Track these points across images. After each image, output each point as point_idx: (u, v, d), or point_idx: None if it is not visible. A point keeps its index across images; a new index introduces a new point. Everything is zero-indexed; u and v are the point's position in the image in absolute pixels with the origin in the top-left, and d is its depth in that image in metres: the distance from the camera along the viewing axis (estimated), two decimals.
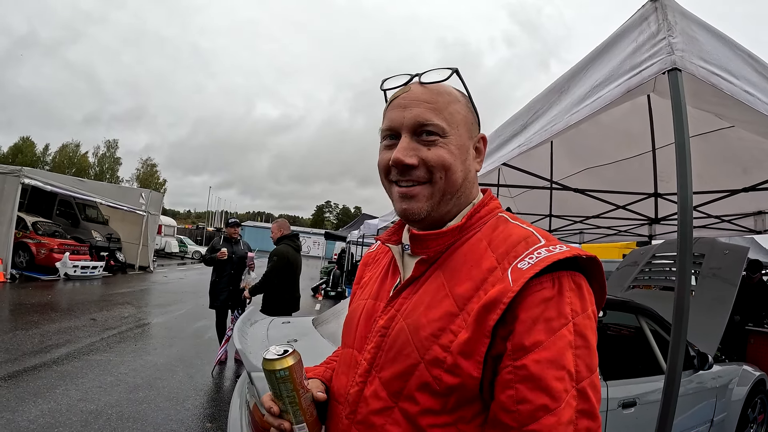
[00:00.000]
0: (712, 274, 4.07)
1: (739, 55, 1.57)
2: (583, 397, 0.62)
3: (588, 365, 0.64)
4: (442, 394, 0.67)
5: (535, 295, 0.64)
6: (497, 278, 0.68)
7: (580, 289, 0.67)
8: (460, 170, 0.77)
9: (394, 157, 0.75)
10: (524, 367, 0.62)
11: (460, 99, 0.80)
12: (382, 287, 0.86)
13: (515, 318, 0.64)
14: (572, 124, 1.60)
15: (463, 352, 0.66)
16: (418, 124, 0.75)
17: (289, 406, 0.79)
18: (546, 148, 4.16)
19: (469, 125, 0.80)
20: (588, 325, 0.65)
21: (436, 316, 0.70)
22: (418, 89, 0.78)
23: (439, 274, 0.75)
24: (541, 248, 0.68)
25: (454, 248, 0.76)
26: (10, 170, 10.36)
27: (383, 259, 0.94)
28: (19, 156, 45.34)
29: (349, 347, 0.86)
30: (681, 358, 1.31)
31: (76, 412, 3.52)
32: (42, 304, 7.67)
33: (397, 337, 0.74)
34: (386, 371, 0.73)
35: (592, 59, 1.58)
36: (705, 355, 2.95)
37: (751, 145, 3.14)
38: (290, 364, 0.77)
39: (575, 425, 0.61)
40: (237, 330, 2.17)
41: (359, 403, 0.76)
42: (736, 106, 1.56)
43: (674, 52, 1.25)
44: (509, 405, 0.62)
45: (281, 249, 4.66)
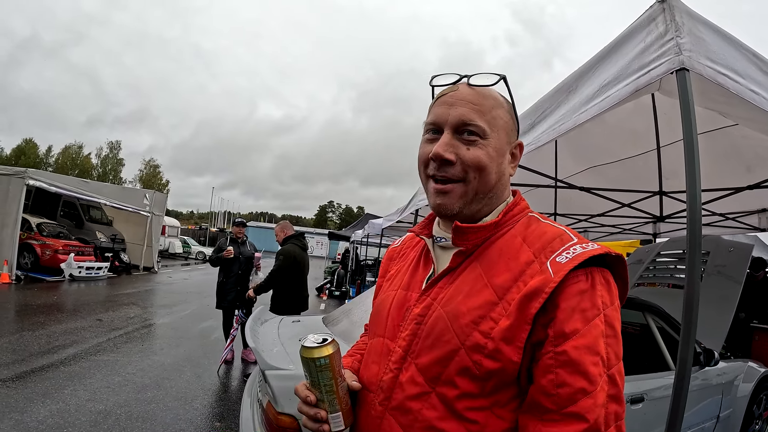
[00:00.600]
0: (717, 271, 4.08)
1: (744, 54, 1.58)
2: (613, 382, 0.67)
3: (616, 353, 0.69)
4: (482, 378, 0.71)
5: (573, 287, 0.69)
6: (535, 271, 0.72)
7: (608, 283, 0.72)
8: (494, 172, 0.80)
9: (435, 151, 0.79)
10: (565, 352, 0.66)
11: (503, 105, 0.83)
12: (413, 278, 0.89)
13: (556, 306, 0.69)
14: (580, 123, 1.62)
15: (504, 338, 0.70)
16: (461, 123, 0.79)
17: (326, 395, 0.79)
18: (551, 146, 4.17)
19: (509, 131, 0.83)
20: (616, 317, 0.70)
21: (476, 305, 0.74)
22: (465, 90, 0.81)
23: (476, 265, 0.79)
24: (575, 245, 0.73)
25: (490, 242, 0.80)
26: (15, 172, 10.41)
27: (411, 252, 0.98)
28: (22, 158, 45.50)
29: (379, 336, 0.88)
30: (691, 354, 1.33)
31: (84, 413, 3.54)
32: (48, 305, 7.71)
33: (435, 324, 0.77)
34: (423, 357, 0.76)
35: (601, 59, 1.59)
36: (711, 352, 2.96)
37: (756, 143, 3.15)
38: (330, 353, 0.78)
39: (606, 408, 0.65)
40: (248, 329, 2.19)
41: (394, 389, 0.78)
42: (741, 104, 1.58)
43: (682, 53, 1.27)
44: (549, 389, 0.66)
45: (288, 248, 4.68)
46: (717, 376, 3.11)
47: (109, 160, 52.17)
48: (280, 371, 1.73)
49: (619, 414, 0.67)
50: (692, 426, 2.88)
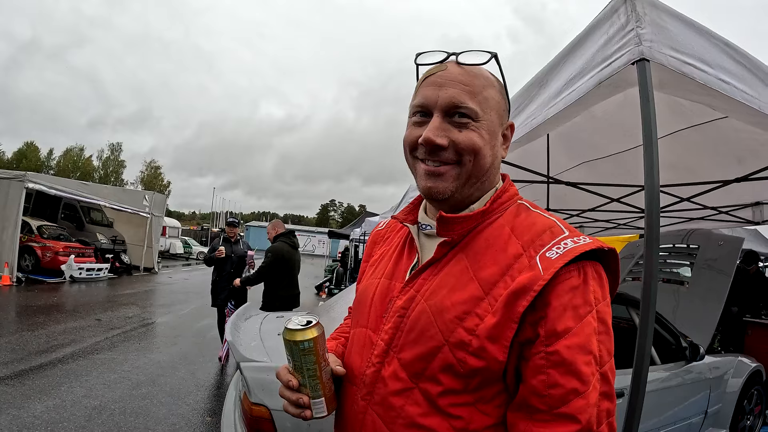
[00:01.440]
0: (707, 265, 4.08)
1: (715, 44, 1.58)
2: (605, 380, 0.66)
3: (608, 350, 0.67)
4: (466, 375, 0.68)
5: (564, 284, 0.66)
6: (524, 265, 0.69)
7: (601, 278, 0.70)
8: (489, 155, 0.76)
9: (425, 136, 0.74)
10: (556, 352, 0.64)
11: (495, 84, 0.79)
12: (397, 267, 0.85)
13: (546, 304, 0.66)
14: (550, 117, 1.63)
15: (490, 336, 0.67)
16: (452, 105, 0.74)
17: (308, 380, 0.76)
18: (542, 142, 4.19)
19: (501, 111, 0.79)
20: (608, 312, 0.69)
21: (461, 299, 0.71)
22: (455, 69, 0.76)
23: (462, 257, 0.75)
24: (566, 239, 0.70)
25: (477, 232, 0.77)
26: (14, 175, 10.50)
27: (394, 237, 0.94)
28: (23, 161, 45.74)
29: (361, 327, 0.84)
30: (648, 352, 1.32)
31: (80, 408, 3.60)
32: (48, 306, 7.78)
33: (418, 318, 0.74)
34: (406, 352, 0.73)
35: (568, 52, 1.60)
36: (697, 347, 2.96)
37: (746, 135, 3.13)
38: (314, 336, 0.75)
39: (598, 407, 0.64)
40: (230, 324, 2.23)
41: (377, 384, 0.75)
42: (722, 95, 1.58)
43: (642, 43, 1.27)
44: (541, 389, 0.64)
45: (276, 245, 4.73)
46: (705, 371, 3.10)
47: (111, 162, 52.42)
48: (255, 363, 1.76)
49: (610, 411, 0.66)
50: (678, 421, 2.87)
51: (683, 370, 2.88)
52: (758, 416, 3.80)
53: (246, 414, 1.69)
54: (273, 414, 1.62)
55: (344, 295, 2.92)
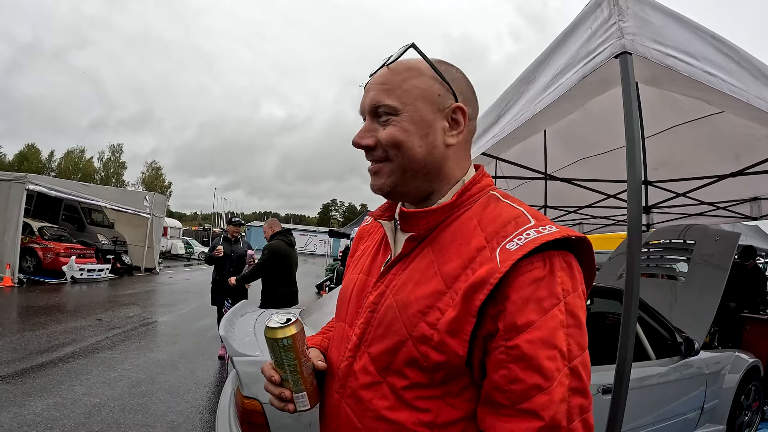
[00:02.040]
0: (704, 261, 4.07)
1: (700, 36, 1.57)
2: (575, 375, 0.63)
3: (579, 344, 0.65)
4: (430, 369, 0.68)
5: (526, 276, 0.64)
6: (486, 258, 0.68)
7: (570, 268, 0.67)
8: (417, 146, 0.75)
9: (353, 140, 0.78)
10: (517, 347, 0.62)
11: (424, 72, 0.78)
12: (373, 263, 0.86)
13: (506, 297, 0.64)
14: (537, 112, 1.64)
15: (449, 331, 0.67)
16: (372, 106, 0.77)
17: (290, 375, 0.79)
18: (540, 139, 4.20)
19: (432, 98, 0.76)
20: (578, 305, 0.66)
21: (424, 294, 0.71)
22: (379, 72, 0.79)
23: (429, 251, 0.75)
24: (530, 229, 0.68)
25: (444, 226, 0.76)
26: (15, 177, 10.54)
27: (376, 233, 0.94)
28: (24, 163, 45.89)
29: (341, 321, 0.87)
30: (631, 347, 1.33)
31: (79, 406, 3.63)
32: (49, 306, 7.82)
33: (386, 313, 0.75)
34: (375, 347, 0.74)
35: (554, 48, 1.61)
36: (692, 342, 2.96)
37: (742, 130, 3.12)
38: (293, 333, 0.77)
39: (568, 403, 0.62)
40: (225, 320, 2.25)
41: (348, 377, 0.77)
42: (716, 90, 1.58)
43: (624, 36, 1.29)
44: (502, 384, 0.63)
45: (273, 243, 4.76)
46: (701, 366, 3.10)
47: (112, 164, 52.58)
48: (247, 357, 1.78)
49: (584, 407, 0.63)
50: (673, 417, 2.87)
51: (679, 365, 2.89)
52: (756, 412, 3.80)
53: (239, 407, 1.71)
54: (264, 407, 1.64)
55: (337, 292, 2.94)
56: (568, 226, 6.75)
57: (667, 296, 4.13)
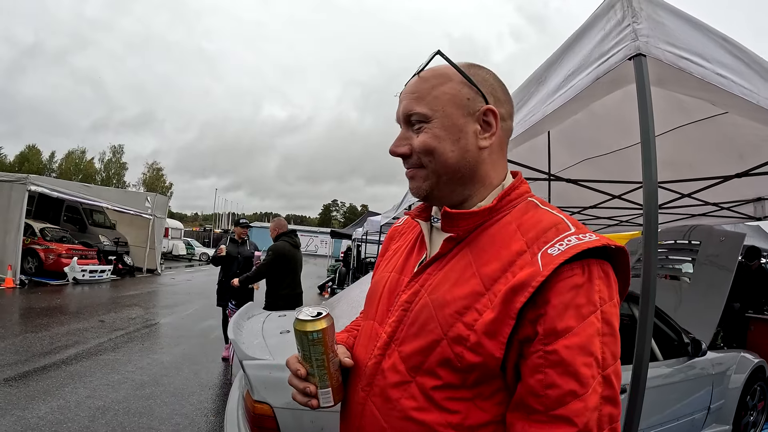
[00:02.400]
0: (709, 261, 4.07)
1: (712, 38, 1.58)
2: (608, 383, 0.63)
3: (613, 352, 0.65)
4: (463, 370, 0.68)
5: (567, 281, 0.65)
6: (526, 262, 0.68)
7: (608, 277, 0.68)
8: (450, 150, 0.76)
9: (390, 148, 0.81)
10: (555, 352, 0.63)
11: (452, 78, 0.79)
12: (407, 262, 0.87)
13: (546, 302, 0.65)
14: (549, 113, 1.64)
15: (487, 332, 0.67)
16: (405, 116, 0.80)
17: (316, 370, 0.78)
18: (543, 140, 4.19)
19: (461, 102, 0.78)
20: (614, 313, 0.66)
21: (462, 294, 0.71)
22: (411, 82, 0.81)
23: (467, 252, 0.76)
24: (571, 236, 0.68)
25: (483, 228, 0.77)
26: (17, 178, 10.54)
27: (410, 233, 0.95)
28: (25, 164, 45.87)
29: (370, 319, 0.87)
30: (648, 349, 1.33)
31: (83, 409, 3.62)
32: (51, 308, 7.81)
33: (420, 312, 0.75)
34: (407, 345, 0.74)
35: (566, 48, 1.61)
36: (699, 342, 2.96)
37: (747, 130, 3.12)
38: (323, 327, 0.77)
39: (599, 411, 0.62)
40: (233, 323, 2.24)
41: (376, 376, 0.77)
42: (722, 91, 1.58)
43: (638, 38, 1.28)
44: (538, 389, 0.63)
45: (278, 244, 4.75)
46: (708, 366, 3.10)
47: (113, 164, 52.60)
48: (257, 361, 1.77)
49: (614, 416, 0.64)
50: (681, 417, 2.87)
51: (686, 366, 2.88)
52: (761, 412, 3.79)
53: (249, 412, 1.70)
54: (276, 412, 1.63)
55: (346, 293, 2.93)
56: None
57: (672, 297, 4.13)
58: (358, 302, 2.67)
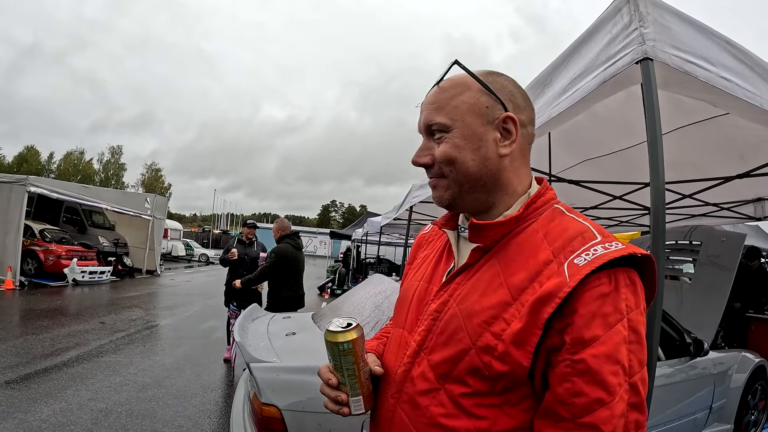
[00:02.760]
0: (710, 261, 4.08)
1: (716, 42, 1.59)
2: (635, 390, 0.65)
3: (639, 360, 0.66)
4: (491, 378, 0.70)
5: (593, 291, 0.65)
6: (553, 271, 0.69)
7: (634, 285, 0.68)
8: (470, 159, 0.77)
9: (412, 159, 0.83)
10: (582, 361, 0.64)
11: (470, 87, 0.79)
12: (435, 271, 0.88)
13: (573, 312, 0.65)
14: (554, 116, 1.64)
15: (515, 342, 0.68)
16: (426, 126, 0.81)
17: (347, 379, 0.80)
18: (544, 141, 4.21)
19: (480, 111, 0.78)
20: (641, 321, 0.67)
21: (490, 304, 0.72)
22: (431, 93, 0.82)
23: (495, 262, 0.76)
24: (597, 245, 0.69)
25: (510, 238, 0.77)
26: (16, 179, 10.51)
27: (437, 241, 0.96)
28: (24, 165, 45.76)
29: (399, 327, 0.88)
30: (656, 350, 1.34)
31: (86, 411, 3.61)
32: (51, 310, 7.79)
33: (449, 321, 0.76)
34: (436, 354, 0.76)
35: (572, 51, 1.62)
36: (701, 342, 2.97)
37: (748, 132, 3.13)
38: (354, 338, 0.79)
39: (626, 418, 0.63)
40: (238, 325, 2.24)
41: (405, 383, 0.79)
42: (724, 93, 1.59)
43: (645, 42, 1.29)
44: (565, 397, 0.64)
45: (281, 247, 4.74)
46: (709, 366, 3.12)
47: (111, 165, 52.52)
48: (264, 363, 1.78)
49: (640, 422, 0.65)
50: (683, 416, 2.89)
51: (687, 365, 2.90)
52: (762, 411, 3.81)
53: (256, 414, 1.71)
54: (283, 414, 1.64)
55: (349, 296, 2.94)
56: None
57: (674, 297, 4.14)
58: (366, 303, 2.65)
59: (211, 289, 12.01)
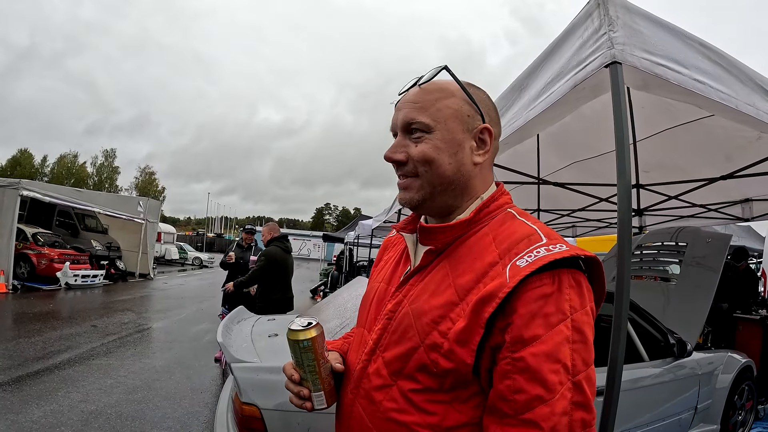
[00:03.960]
0: (696, 262, 4.12)
1: (689, 44, 1.60)
2: (579, 389, 0.65)
3: (584, 359, 0.67)
4: (439, 375, 0.72)
5: (534, 291, 0.67)
6: (497, 273, 0.71)
7: (579, 286, 0.70)
8: (447, 163, 0.79)
9: (385, 154, 0.83)
10: (522, 359, 0.65)
11: (454, 94, 0.82)
12: (394, 273, 0.91)
13: (513, 311, 0.67)
14: (530, 119, 1.67)
15: (458, 340, 0.70)
16: (405, 123, 0.81)
17: (309, 375, 0.84)
18: (532, 143, 4.24)
19: (462, 118, 0.81)
20: (586, 321, 0.68)
21: (438, 304, 0.75)
22: (412, 92, 0.83)
23: (445, 264, 0.79)
24: (540, 247, 0.70)
25: (461, 241, 0.80)
26: (9, 183, 10.45)
27: (399, 245, 0.99)
28: (17, 168, 45.49)
29: (361, 326, 0.92)
30: (622, 350, 1.36)
31: (76, 413, 3.62)
32: (44, 313, 7.76)
33: (401, 321, 0.79)
34: (389, 352, 0.79)
35: (546, 56, 1.65)
36: (684, 343, 2.99)
37: (734, 133, 3.16)
38: (313, 336, 0.83)
39: (570, 416, 0.64)
40: (222, 326, 2.26)
41: (362, 379, 0.82)
42: (702, 96, 1.61)
43: (614, 46, 1.32)
44: (506, 394, 0.66)
45: (270, 250, 4.79)
46: (693, 367, 3.13)
47: (105, 169, 52.30)
48: (245, 364, 1.79)
49: (587, 421, 0.65)
50: (667, 417, 2.89)
51: (672, 366, 2.91)
52: (750, 411, 3.83)
53: (237, 413, 1.72)
54: (263, 413, 1.65)
55: (334, 298, 2.96)
56: (561, 229, 6.84)
57: (659, 298, 4.17)
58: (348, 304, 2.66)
59: (204, 293, 11.99)
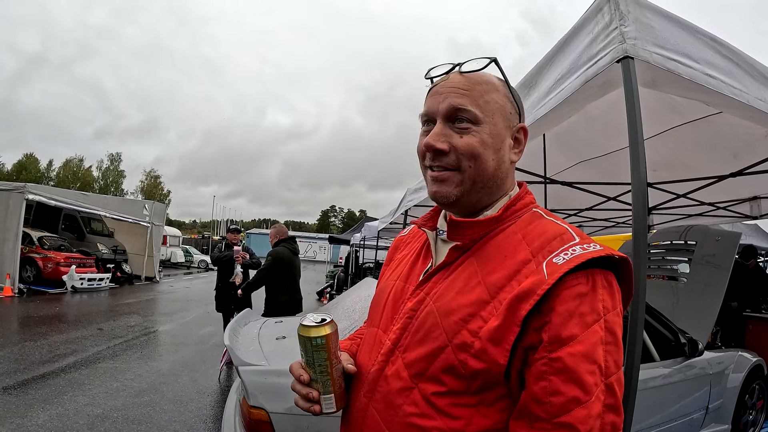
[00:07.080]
0: (705, 261, 4.08)
1: (700, 39, 1.58)
2: (611, 392, 0.64)
3: (616, 361, 0.66)
4: (467, 377, 0.69)
5: (571, 290, 0.65)
6: (531, 270, 0.69)
7: (611, 287, 0.68)
8: (491, 159, 0.77)
9: (426, 141, 0.78)
10: (559, 359, 0.63)
11: (499, 88, 0.80)
12: (412, 270, 0.87)
13: (551, 309, 0.65)
14: (540, 117, 1.65)
15: (492, 339, 0.67)
16: (451, 111, 0.77)
17: (319, 376, 0.79)
18: (539, 143, 4.21)
19: (506, 115, 0.79)
20: (617, 322, 0.67)
21: (467, 302, 0.72)
22: (456, 78, 0.79)
23: (473, 261, 0.76)
24: (575, 245, 0.69)
25: (489, 238, 0.78)
26: (14, 187, 10.55)
27: (415, 243, 0.96)
28: (23, 173, 45.79)
29: (374, 326, 0.87)
30: (639, 350, 1.34)
31: (82, 416, 3.62)
32: (50, 317, 7.79)
33: (425, 319, 0.75)
34: (411, 352, 0.75)
35: (556, 53, 1.62)
36: (696, 342, 2.96)
37: (741, 130, 3.13)
38: (327, 333, 0.77)
39: (602, 419, 0.63)
40: (229, 329, 2.25)
41: (379, 382, 0.77)
42: (713, 91, 1.59)
43: (626, 41, 1.30)
44: (542, 396, 0.63)
45: (277, 250, 4.78)
46: (704, 366, 3.09)
47: (110, 173, 52.58)
48: (253, 367, 1.78)
49: (616, 424, 0.64)
50: (679, 417, 2.86)
51: (683, 366, 2.88)
52: (761, 411, 3.79)
53: (245, 418, 1.70)
54: (272, 417, 1.63)
55: (342, 299, 2.94)
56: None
57: (669, 297, 4.14)
58: (356, 306, 2.64)
59: (210, 296, 11.87)
